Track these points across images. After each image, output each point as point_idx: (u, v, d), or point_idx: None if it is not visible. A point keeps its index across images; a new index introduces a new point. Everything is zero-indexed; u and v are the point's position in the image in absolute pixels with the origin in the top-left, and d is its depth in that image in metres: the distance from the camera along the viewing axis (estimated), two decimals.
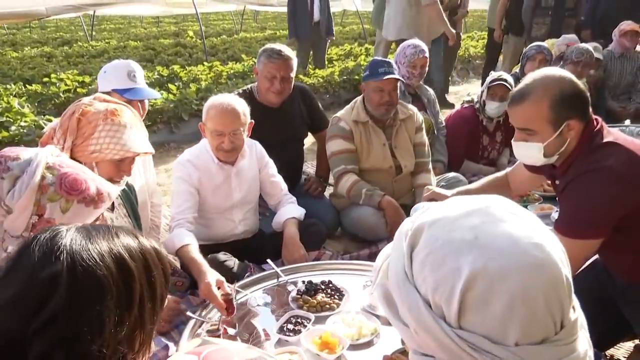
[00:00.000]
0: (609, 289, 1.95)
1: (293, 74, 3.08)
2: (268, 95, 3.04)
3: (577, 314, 0.71)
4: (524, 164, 2.13)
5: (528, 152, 1.83)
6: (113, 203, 2.07)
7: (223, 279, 2.03)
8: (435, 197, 2.33)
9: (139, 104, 2.53)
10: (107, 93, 2.36)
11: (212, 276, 2.01)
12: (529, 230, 0.69)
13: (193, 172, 2.50)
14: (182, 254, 2.23)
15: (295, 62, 3.07)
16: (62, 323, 0.75)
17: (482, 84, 3.79)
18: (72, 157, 1.82)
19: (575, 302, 0.73)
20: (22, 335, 0.73)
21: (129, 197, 2.23)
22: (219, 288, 1.97)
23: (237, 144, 2.47)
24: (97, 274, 0.79)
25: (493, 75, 3.68)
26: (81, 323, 0.76)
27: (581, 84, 1.78)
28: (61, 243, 0.81)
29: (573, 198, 1.76)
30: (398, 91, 3.06)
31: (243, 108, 2.47)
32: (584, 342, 0.71)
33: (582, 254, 1.75)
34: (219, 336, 1.80)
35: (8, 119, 4.82)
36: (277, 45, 3.06)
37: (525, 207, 3.15)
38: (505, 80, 3.57)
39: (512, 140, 1.88)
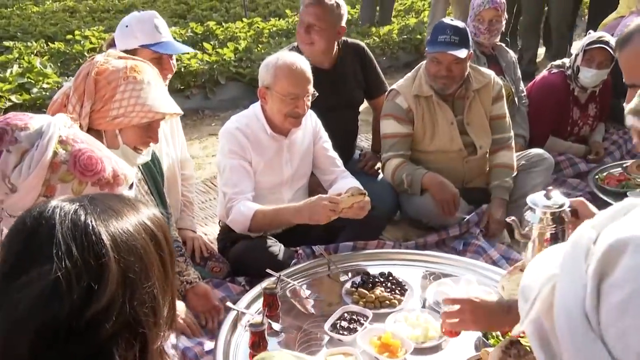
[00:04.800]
0: None
1: (329, 26, 2.94)
2: (303, 48, 2.97)
3: None
4: None
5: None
6: None
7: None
8: (577, 207, 1.80)
9: (170, 60, 2.51)
10: (132, 51, 2.34)
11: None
12: None
13: (245, 142, 2.50)
14: (261, 217, 2.33)
15: (339, 12, 2.95)
16: (121, 307, 0.78)
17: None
18: (90, 125, 1.79)
19: None
20: (75, 323, 0.75)
21: (152, 172, 2.19)
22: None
23: (308, 107, 2.52)
24: (139, 250, 0.82)
25: (592, 35, 3.47)
26: (137, 303, 0.80)
27: None
28: (89, 223, 0.80)
29: None
30: (466, 63, 2.86)
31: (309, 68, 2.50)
32: None
33: None
34: (262, 331, 1.79)
35: (29, 80, 4.95)
36: None
37: (624, 193, 2.99)
38: (607, 43, 3.35)
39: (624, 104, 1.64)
